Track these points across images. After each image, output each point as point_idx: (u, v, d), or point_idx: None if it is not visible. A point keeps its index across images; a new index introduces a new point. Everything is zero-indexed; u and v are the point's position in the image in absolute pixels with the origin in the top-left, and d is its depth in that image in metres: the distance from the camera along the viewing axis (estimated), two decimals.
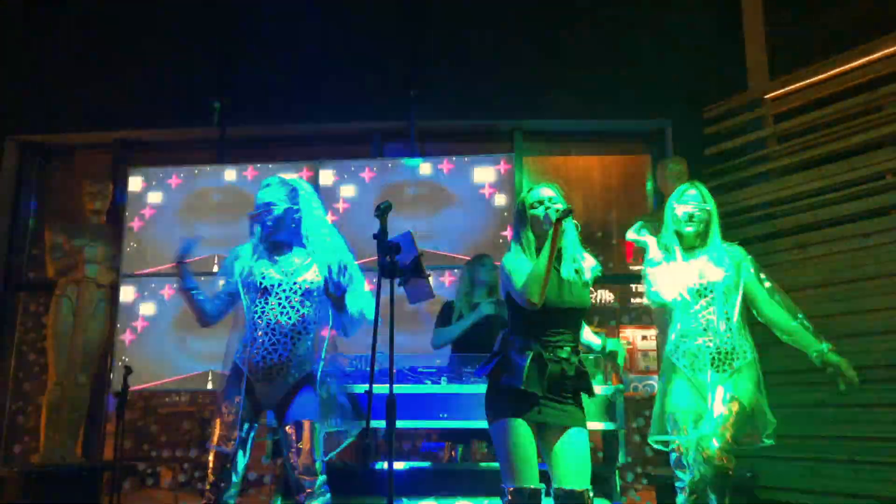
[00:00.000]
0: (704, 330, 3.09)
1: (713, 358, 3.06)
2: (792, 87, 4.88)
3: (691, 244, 3.21)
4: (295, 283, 2.94)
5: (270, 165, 5.44)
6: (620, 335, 6.33)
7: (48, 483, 4.86)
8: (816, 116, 4.68)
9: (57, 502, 4.80)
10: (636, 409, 5.61)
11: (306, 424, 2.93)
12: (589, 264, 2.79)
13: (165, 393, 5.60)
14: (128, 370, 4.74)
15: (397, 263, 2.67)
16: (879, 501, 3.98)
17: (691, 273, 3.13)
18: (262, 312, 2.93)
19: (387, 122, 5.67)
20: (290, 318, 2.93)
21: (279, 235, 3.05)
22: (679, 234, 3.21)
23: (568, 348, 2.66)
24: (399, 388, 3.72)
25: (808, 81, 4.78)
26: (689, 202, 3.19)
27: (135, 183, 5.52)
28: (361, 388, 3.59)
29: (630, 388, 5.98)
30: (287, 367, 2.94)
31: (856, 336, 4.16)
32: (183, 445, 5.60)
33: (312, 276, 2.97)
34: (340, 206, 5.28)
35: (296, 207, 3.05)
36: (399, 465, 3.97)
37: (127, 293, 5.33)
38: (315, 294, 2.98)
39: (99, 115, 5.85)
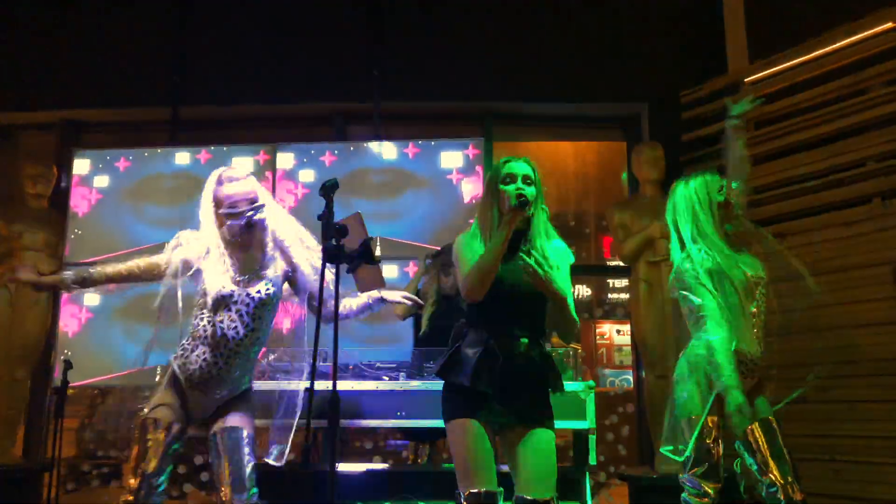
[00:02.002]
0: (761, 331, 2.80)
1: (751, 363, 2.81)
2: (773, 69, 4.66)
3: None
4: (249, 296, 2.75)
5: (226, 148, 5.12)
6: (596, 330, 6.15)
7: None
8: (798, 100, 4.47)
9: None
10: (609, 406, 5.40)
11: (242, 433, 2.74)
12: (557, 253, 2.52)
13: (112, 388, 5.28)
14: (67, 364, 4.43)
15: (343, 247, 2.41)
16: (863, 503, 3.79)
17: (747, 264, 2.85)
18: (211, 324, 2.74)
19: (349, 103, 5.36)
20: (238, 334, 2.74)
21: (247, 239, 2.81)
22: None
23: (525, 340, 2.40)
24: (354, 385, 3.50)
25: (789, 63, 4.57)
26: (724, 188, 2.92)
27: (80, 165, 5.18)
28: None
29: (606, 384, 5.82)
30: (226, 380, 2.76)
31: (839, 329, 3.99)
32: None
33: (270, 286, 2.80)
34: (299, 191, 4.99)
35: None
36: (358, 467, 3.76)
37: None
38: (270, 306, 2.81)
39: (44, 94, 5.49)
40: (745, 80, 4.81)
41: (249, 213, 2.72)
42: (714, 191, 2.96)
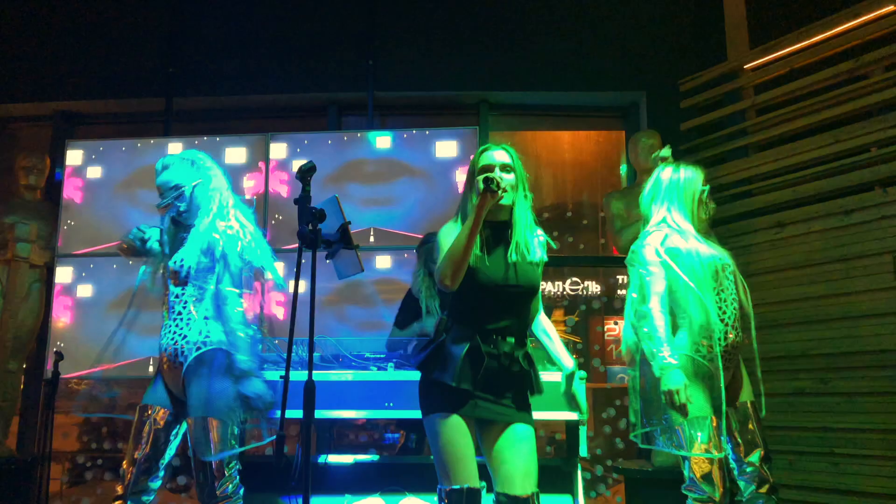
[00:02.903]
0: (732, 319, 2.76)
1: (729, 355, 2.77)
2: (773, 55, 4.57)
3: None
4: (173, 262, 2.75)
5: (218, 138, 5.07)
6: (605, 327, 6.05)
7: None
8: (799, 86, 4.37)
9: None
10: (608, 399, 5.32)
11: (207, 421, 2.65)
12: (537, 241, 2.45)
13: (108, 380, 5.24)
14: (59, 356, 4.42)
15: (320, 232, 2.36)
16: (861, 497, 3.71)
17: (705, 251, 2.79)
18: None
19: (343, 93, 5.29)
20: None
21: (190, 219, 2.84)
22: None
23: (512, 339, 2.34)
24: (341, 376, 3.44)
25: (790, 49, 4.47)
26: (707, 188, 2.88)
27: (73, 156, 5.14)
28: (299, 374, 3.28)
29: (615, 380, 5.74)
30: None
31: (839, 320, 3.91)
32: (127, 436, 5.25)
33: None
34: (293, 181, 4.94)
35: (202, 182, 2.86)
36: (345, 459, 3.70)
37: (63, 274, 4.97)
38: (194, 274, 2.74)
39: (38, 85, 5.46)
40: (745, 66, 4.72)
41: (167, 204, 2.77)
42: (700, 181, 2.92)
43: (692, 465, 2.65)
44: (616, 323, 5.91)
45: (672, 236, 2.79)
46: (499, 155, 2.41)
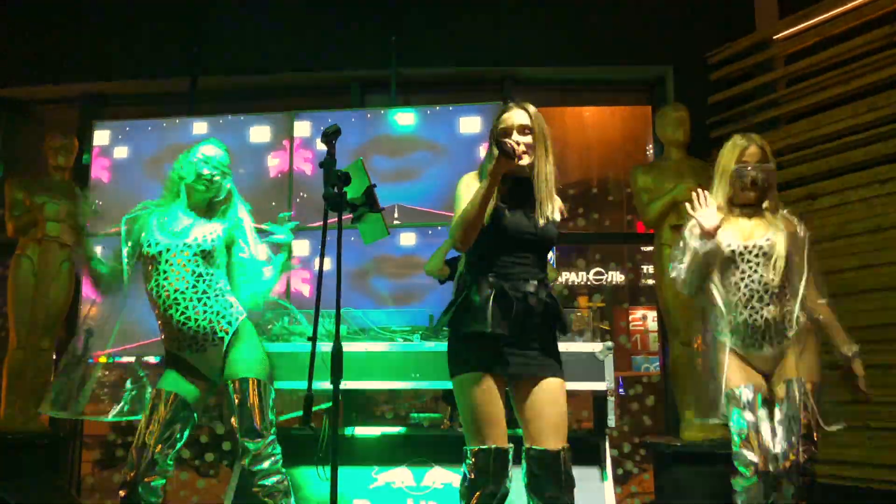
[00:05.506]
0: (753, 299, 2.77)
1: (764, 330, 2.77)
2: (803, 24, 4.48)
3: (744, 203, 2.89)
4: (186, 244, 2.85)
5: (243, 117, 5.08)
6: (630, 318, 6.01)
7: (7, 450, 4.59)
8: (830, 55, 4.29)
9: (16, 470, 4.55)
10: (635, 378, 5.29)
11: (251, 382, 2.74)
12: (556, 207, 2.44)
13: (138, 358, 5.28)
14: (89, 333, 4.45)
15: (345, 195, 2.35)
16: None
17: (735, 235, 2.82)
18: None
19: (367, 70, 5.28)
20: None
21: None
22: (731, 197, 2.89)
23: (535, 281, 2.32)
24: (368, 347, 3.44)
25: (821, 18, 4.38)
26: (750, 163, 2.84)
27: (100, 137, 5.18)
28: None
29: (641, 369, 5.71)
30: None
31: (872, 291, 3.85)
32: None
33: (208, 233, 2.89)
34: (317, 159, 4.94)
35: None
36: (373, 431, 3.72)
37: None
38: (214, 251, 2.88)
39: (65, 67, 5.51)
40: (774, 37, 4.63)
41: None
42: (726, 157, 2.90)
43: (733, 434, 2.73)
44: (645, 313, 5.86)
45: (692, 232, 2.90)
46: (518, 116, 2.39)
